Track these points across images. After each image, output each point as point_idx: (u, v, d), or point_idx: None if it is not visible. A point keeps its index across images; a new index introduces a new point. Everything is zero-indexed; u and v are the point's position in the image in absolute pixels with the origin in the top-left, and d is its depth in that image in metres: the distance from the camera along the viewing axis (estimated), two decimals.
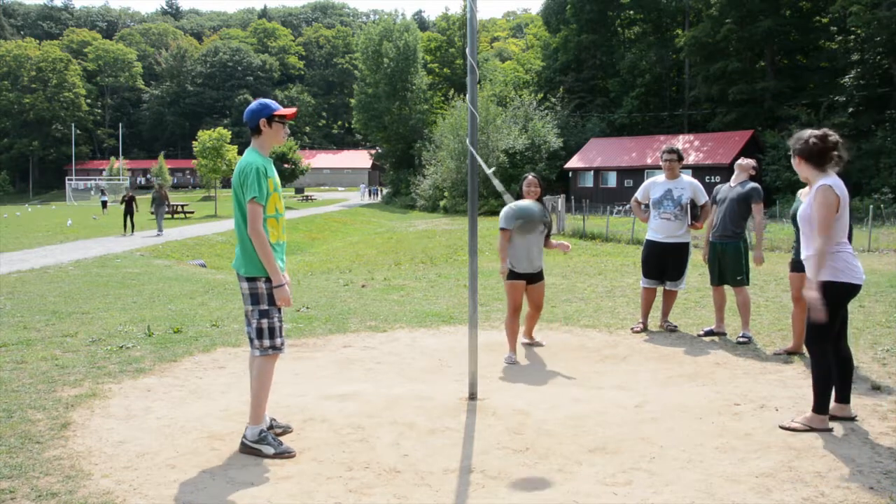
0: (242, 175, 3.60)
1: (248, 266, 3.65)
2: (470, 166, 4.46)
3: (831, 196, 3.75)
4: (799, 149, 3.89)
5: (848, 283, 3.83)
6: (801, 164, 3.91)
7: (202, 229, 24.14)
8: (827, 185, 3.78)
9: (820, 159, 3.82)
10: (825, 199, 3.75)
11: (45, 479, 3.29)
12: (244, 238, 3.63)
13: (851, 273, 3.83)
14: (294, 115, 3.85)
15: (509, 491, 3.22)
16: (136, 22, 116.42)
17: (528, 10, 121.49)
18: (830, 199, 3.74)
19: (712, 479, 3.28)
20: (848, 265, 3.83)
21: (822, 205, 3.75)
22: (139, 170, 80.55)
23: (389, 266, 14.19)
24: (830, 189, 3.76)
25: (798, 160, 3.92)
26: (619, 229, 21.69)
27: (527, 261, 5.57)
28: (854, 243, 14.93)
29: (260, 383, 3.74)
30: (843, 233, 3.86)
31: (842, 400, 4.05)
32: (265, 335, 3.69)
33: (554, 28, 53.22)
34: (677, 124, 46.77)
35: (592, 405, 4.42)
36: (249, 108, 3.76)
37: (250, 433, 3.70)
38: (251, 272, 3.65)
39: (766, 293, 8.80)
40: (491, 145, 37.80)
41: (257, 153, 3.72)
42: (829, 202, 3.74)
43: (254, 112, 3.73)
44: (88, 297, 8.92)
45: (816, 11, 39.56)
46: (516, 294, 5.61)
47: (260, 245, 3.56)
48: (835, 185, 3.78)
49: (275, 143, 3.81)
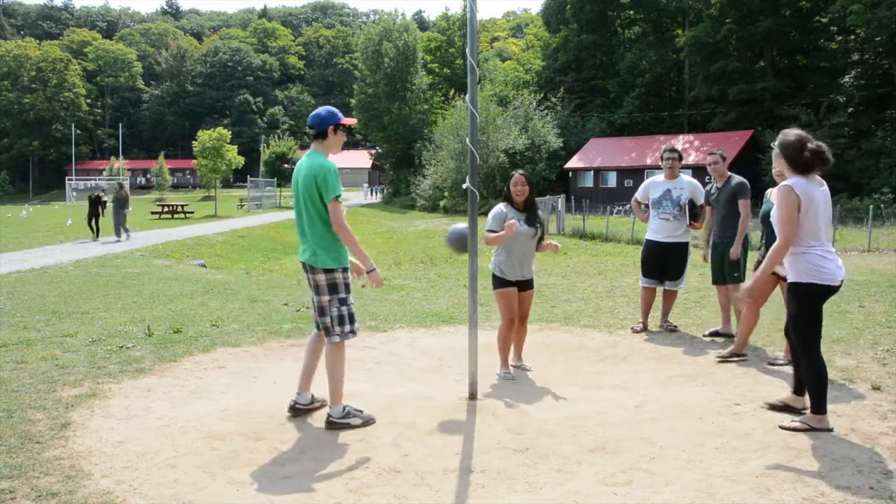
0: (320, 176, 3.88)
1: (325, 259, 3.96)
2: (470, 166, 4.46)
3: (791, 196, 3.77)
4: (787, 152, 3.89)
5: (813, 283, 3.82)
6: (782, 164, 3.94)
7: (202, 229, 24.15)
8: (787, 186, 3.81)
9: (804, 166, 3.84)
10: (784, 198, 3.79)
11: (45, 479, 3.29)
12: (320, 234, 3.95)
13: (818, 274, 3.81)
14: (353, 124, 4.30)
15: (509, 491, 3.22)
16: (136, 22, 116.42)
17: (528, 10, 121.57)
18: (790, 199, 3.76)
19: (712, 479, 3.28)
20: (814, 266, 3.81)
21: (779, 205, 3.80)
22: (139, 170, 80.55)
23: (389, 266, 14.19)
24: (791, 189, 3.79)
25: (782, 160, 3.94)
26: (619, 229, 21.69)
27: (518, 267, 5.18)
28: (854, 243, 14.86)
29: (338, 366, 4.07)
30: (812, 234, 3.85)
31: (799, 392, 4.19)
32: (346, 321, 4.04)
33: (554, 28, 53.21)
34: (677, 124, 46.75)
35: (592, 405, 4.42)
36: (318, 115, 4.05)
37: (335, 412, 4.05)
38: (328, 264, 3.97)
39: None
40: (491, 145, 37.78)
41: (323, 156, 4.00)
42: (788, 201, 3.76)
43: (323, 119, 4.03)
44: (88, 297, 8.92)
45: (816, 11, 39.54)
46: (510, 303, 5.20)
47: (349, 238, 3.95)
48: (795, 185, 3.79)
49: (336, 148, 4.13)
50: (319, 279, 3.99)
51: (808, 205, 3.78)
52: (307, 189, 3.92)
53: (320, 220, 3.94)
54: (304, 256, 4.05)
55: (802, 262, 3.83)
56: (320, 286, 4.01)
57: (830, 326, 6.63)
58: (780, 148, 3.93)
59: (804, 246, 3.84)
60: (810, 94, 38.22)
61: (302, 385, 4.29)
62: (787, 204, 3.77)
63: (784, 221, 3.77)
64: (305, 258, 4.04)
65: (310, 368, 4.30)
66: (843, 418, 4.09)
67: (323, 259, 3.95)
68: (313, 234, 3.97)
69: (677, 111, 48.15)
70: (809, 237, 3.84)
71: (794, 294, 3.90)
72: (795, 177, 3.86)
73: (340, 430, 4.00)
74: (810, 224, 3.82)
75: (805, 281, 3.83)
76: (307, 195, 3.93)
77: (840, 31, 38.66)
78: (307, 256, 4.02)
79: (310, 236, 3.99)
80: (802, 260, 3.83)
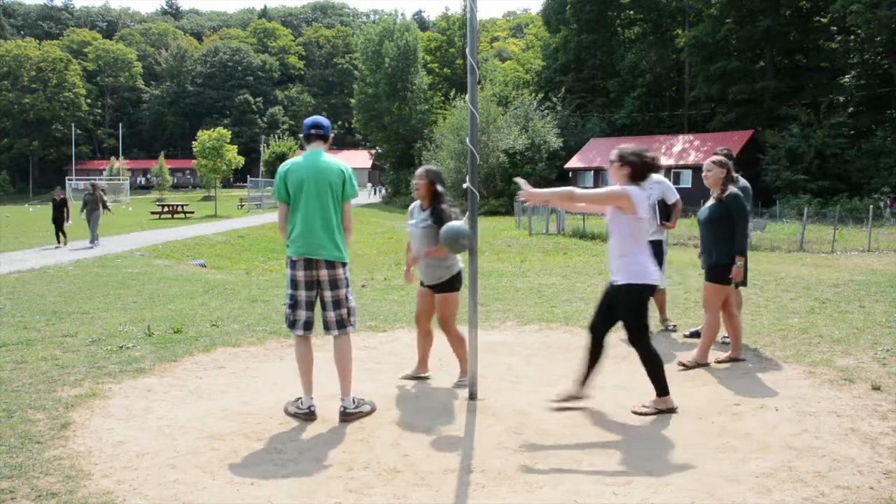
0: (349, 176, 4.20)
1: (344, 254, 4.19)
2: (470, 166, 4.46)
3: (616, 188, 4.04)
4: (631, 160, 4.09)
5: (646, 283, 4.05)
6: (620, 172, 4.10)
7: (202, 229, 24.15)
8: (623, 187, 4.04)
9: (641, 175, 4.10)
10: (611, 188, 4.06)
11: (45, 479, 3.29)
12: (338, 230, 4.17)
13: (648, 275, 4.05)
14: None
15: (509, 491, 3.22)
16: (136, 22, 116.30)
17: (528, 10, 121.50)
18: (613, 188, 4.04)
19: (712, 479, 3.28)
20: (644, 268, 4.05)
21: (607, 190, 4.08)
22: (139, 170, 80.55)
23: (389, 266, 14.18)
24: (625, 192, 4.00)
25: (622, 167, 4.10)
26: None
27: (423, 268, 4.85)
28: (854, 243, 14.92)
29: (350, 357, 4.27)
30: (643, 237, 4.08)
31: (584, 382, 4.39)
32: (355, 311, 4.31)
33: (554, 28, 53.21)
34: (677, 124, 46.76)
35: (592, 405, 4.42)
36: (325, 121, 4.32)
37: (350, 402, 4.20)
38: (345, 258, 4.21)
39: (766, 293, 8.80)
40: (491, 145, 37.77)
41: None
42: (615, 192, 4.02)
43: (329, 126, 4.32)
44: (88, 297, 8.92)
45: (816, 11, 39.54)
46: (418, 301, 4.97)
47: (350, 237, 4.30)
48: (632, 191, 4.01)
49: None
50: (339, 273, 4.16)
51: (643, 213, 4.04)
52: (333, 186, 4.11)
53: (337, 217, 4.16)
54: (323, 253, 4.09)
55: (633, 265, 4.06)
56: (339, 280, 4.17)
57: (830, 326, 6.63)
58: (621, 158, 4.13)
59: (636, 249, 4.09)
60: (810, 94, 38.24)
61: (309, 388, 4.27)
62: (614, 193, 4.03)
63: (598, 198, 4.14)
64: (325, 255, 4.10)
65: (311, 372, 4.29)
66: (843, 418, 4.09)
67: (343, 254, 4.17)
68: (332, 230, 4.12)
69: (677, 111, 48.15)
70: (641, 243, 4.10)
71: (624, 294, 4.11)
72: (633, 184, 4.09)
73: (354, 420, 4.15)
74: (643, 231, 4.08)
75: (637, 282, 4.07)
76: (331, 191, 4.11)
77: (840, 31, 38.67)
78: (327, 253, 4.10)
79: (328, 232, 4.10)
80: (634, 262, 4.06)
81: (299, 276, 4.15)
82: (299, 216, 4.10)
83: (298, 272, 4.14)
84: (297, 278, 4.16)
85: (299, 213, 4.10)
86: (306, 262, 4.12)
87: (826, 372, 5.07)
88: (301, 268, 4.13)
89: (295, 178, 4.10)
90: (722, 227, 5.04)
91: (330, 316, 4.19)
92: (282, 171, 4.15)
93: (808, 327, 6.61)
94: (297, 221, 4.11)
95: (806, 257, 14.58)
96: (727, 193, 5.07)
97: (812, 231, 18.97)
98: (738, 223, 4.98)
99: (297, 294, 4.19)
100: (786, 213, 28.36)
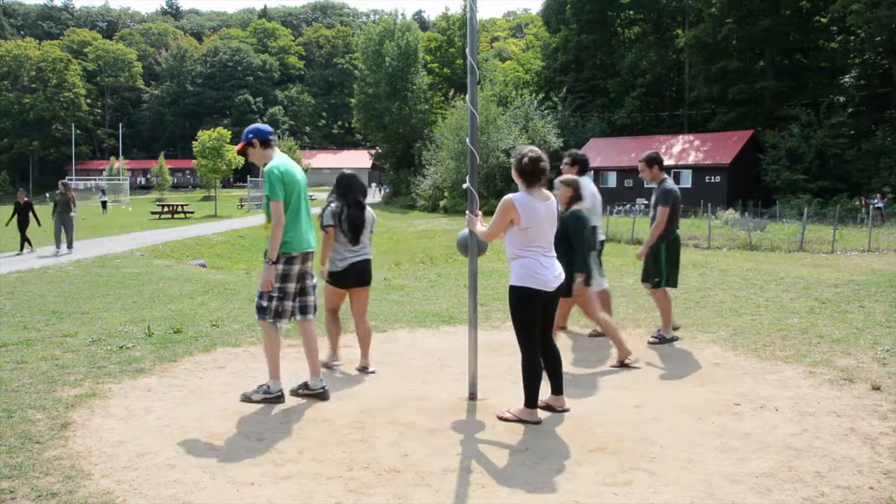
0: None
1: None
2: (470, 166, 4.47)
3: (507, 204, 4.00)
4: (514, 163, 4.12)
5: (527, 287, 4.00)
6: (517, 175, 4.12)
7: (202, 229, 24.15)
8: (508, 197, 4.03)
9: (529, 176, 4.06)
10: (501, 206, 4.02)
11: (45, 479, 3.29)
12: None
13: (531, 279, 4.00)
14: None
15: (509, 491, 3.22)
16: (136, 22, 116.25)
17: (528, 10, 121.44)
18: (505, 206, 4.00)
19: (712, 479, 3.28)
20: (529, 271, 4.00)
21: (497, 210, 4.06)
22: (139, 170, 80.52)
23: (389, 266, 14.19)
24: (510, 202, 4.00)
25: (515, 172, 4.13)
26: (619, 229, 21.68)
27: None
28: (854, 243, 14.94)
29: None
30: (532, 242, 4.03)
31: (555, 392, 4.35)
32: None
33: (554, 28, 53.18)
34: (677, 124, 46.75)
35: (592, 405, 4.42)
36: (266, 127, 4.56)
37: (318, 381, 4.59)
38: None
39: (766, 293, 8.81)
40: (491, 145, 37.77)
41: None
42: (502, 208, 4.00)
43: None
44: (88, 297, 8.92)
45: (816, 11, 39.53)
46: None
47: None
48: (516, 199, 4.01)
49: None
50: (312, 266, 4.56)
51: (531, 218, 4.00)
52: (304, 187, 4.52)
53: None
54: (314, 245, 4.55)
55: (520, 268, 4.04)
56: (312, 272, 4.58)
57: (830, 326, 6.63)
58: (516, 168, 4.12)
59: (524, 252, 4.06)
60: (810, 94, 38.22)
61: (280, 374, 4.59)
62: (502, 209, 4.02)
63: (494, 225, 4.09)
64: (315, 246, 4.55)
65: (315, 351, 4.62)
66: (843, 418, 4.09)
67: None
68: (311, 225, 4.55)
69: (677, 111, 48.14)
70: (527, 244, 4.05)
71: (512, 294, 4.09)
72: (524, 191, 4.08)
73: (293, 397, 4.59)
74: (530, 234, 4.02)
75: (519, 284, 4.04)
76: (305, 191, 4.52)
77: (840, 31, 38.68)
78: (315, 244, 4.56)
79: (309, 226, 4.51)
80: (521, 265, 4.04)
81: (295, 270, 4.43)
82: (301, 214, 4.42)
83: (296, 266, 4.42)
84: (293, 272, 4.42)
85: (298, 211, 4.40)
86: (303, 255, 4.45)
87: (826, 372, 5.07)
88: (299, 262, 4.44)
89: (291, 179, 4.35)
90: (566, 243, 5.15)
91: (311, 300, 4.60)
92: (277, 172, 4.28)
93: (808, 327, 6.61)
94: (299, 219, 4.40)
95: (806, 257, 14.58)
96: (569, 212, 5.24)
97: (812, 231, 18.98)
98: (575, 242, 5.17)
99: (287, 287, 4.43)
100: (786, 213, 28.37)
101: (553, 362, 4.29)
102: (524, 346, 4.10)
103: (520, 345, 4.12)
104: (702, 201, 29.88)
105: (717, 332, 6.48)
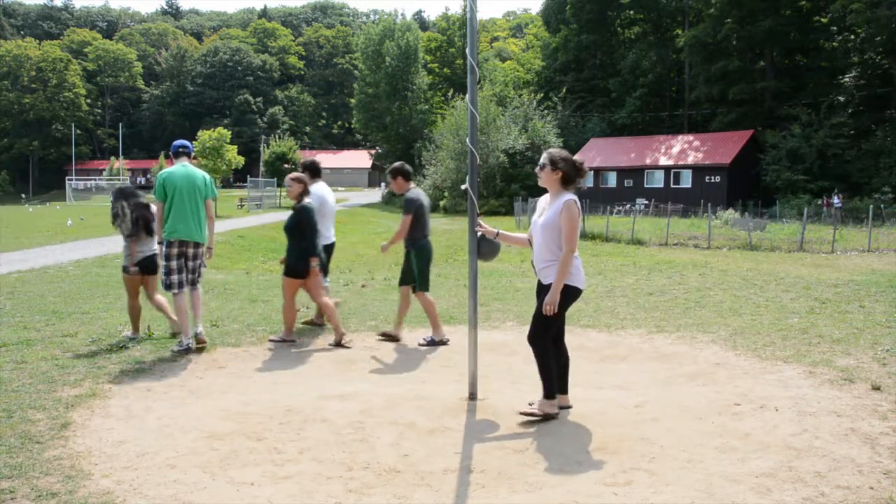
0: (207, 181, 5.98)
1: (204, 237, 5.98)
2: (470, 166, 4.46)
3: (575, 210, 3.99)
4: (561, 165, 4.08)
5: (575, 286, 4.09)
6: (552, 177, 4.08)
7: None
8: (572, 200, 4.00)
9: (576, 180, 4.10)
10: (571, 212, 3.98)
11: (45, 479, 3.29)
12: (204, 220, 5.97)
13: (579, 278, 4.10)
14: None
15: (509, 491, 3.22)
16: (136, 22, 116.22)
17: (528, 10, 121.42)
18: (574, 213, 3.99)
19: (712, 479, 3.28)
20: (579, 271, 4.11)
21: (569, 218, 3.99)
22: (139, 170, 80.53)
23: (389, 266, 14.18)
24: (575, 203, 4.01)
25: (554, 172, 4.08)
26: (619, 229, 21.69)
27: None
28: (854, 243, 14.94)
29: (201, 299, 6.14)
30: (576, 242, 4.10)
31: (562, 391, 4.36)
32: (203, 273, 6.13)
33: (554, 28, 53.21)
34: (677, 124, 46.78)
35: (592, 405, 4.42)
36: (189, 143, 6.17)
37: (201, 329, 5.94)
38: (205, 240, 6.03)
39: (766, 293, 8.81)
40: (491, 145, 37.78)
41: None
42: (573, 215, 3.98)
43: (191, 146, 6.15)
44: (88, 297, 8.92)
45: (816, 11, 39.55)
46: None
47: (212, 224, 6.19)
48: (576, 201, 4.04)
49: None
50: (200, 251, 5.95)
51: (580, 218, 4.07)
52: (202, 189, 5.88)
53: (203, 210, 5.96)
54: (200, 236, 5.88)
55: (574, 268, 4.06)
56: (200, 254, 5.95)
57: (830, 326, 6.63)
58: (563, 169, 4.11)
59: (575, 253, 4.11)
60: (810, 94, 38.25)
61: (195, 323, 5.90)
62: (574, 217, 3.99)
63: (574, 233, 4.01)
64: (196, 238, 5.83)
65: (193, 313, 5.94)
66: (843, 418, 4.09)
67: (204, 237, 5.97)
68: (200, 221, 5.89)
69: (677, 111, 48.16)
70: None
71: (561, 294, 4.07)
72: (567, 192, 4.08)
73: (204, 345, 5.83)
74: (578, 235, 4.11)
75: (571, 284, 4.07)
76: (199, 194, 5.86)
77: (840, 31, 38.71)
78: (198, 237, 5.85)
79: (198, 221, 5.85)
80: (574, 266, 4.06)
81: (174, 252, 5.77)
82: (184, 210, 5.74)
83: (173, 249, 5.76)
84: (172, 254, 5.77)
85: (177, 208, 5.71)
86: (180, 242, 5.75)
87: (826, 372, 5.07)
88: (175, 246, 5.75)
89: (171, 184, 5.71)
90: (296, 232, 6.03)
91: (185, 279, 5.90)
92: (160, 178, 5.72)
93: (808, 327, 6.61)
94: (174, 214, 5.71)
95: (806, 257, 14.58)
96: (300, 205, 6.05)
97: (812, 231, 18.98)
98: (307, 230, 6.02)
99: (170, 264, 5.78)
100: (786, 213, 28.38)
101: (564, 362, 4.36)
102: (546, 340, 4.13)
103: (540, 340, 4.13)
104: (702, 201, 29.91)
105: (717, 332, 6.48)
